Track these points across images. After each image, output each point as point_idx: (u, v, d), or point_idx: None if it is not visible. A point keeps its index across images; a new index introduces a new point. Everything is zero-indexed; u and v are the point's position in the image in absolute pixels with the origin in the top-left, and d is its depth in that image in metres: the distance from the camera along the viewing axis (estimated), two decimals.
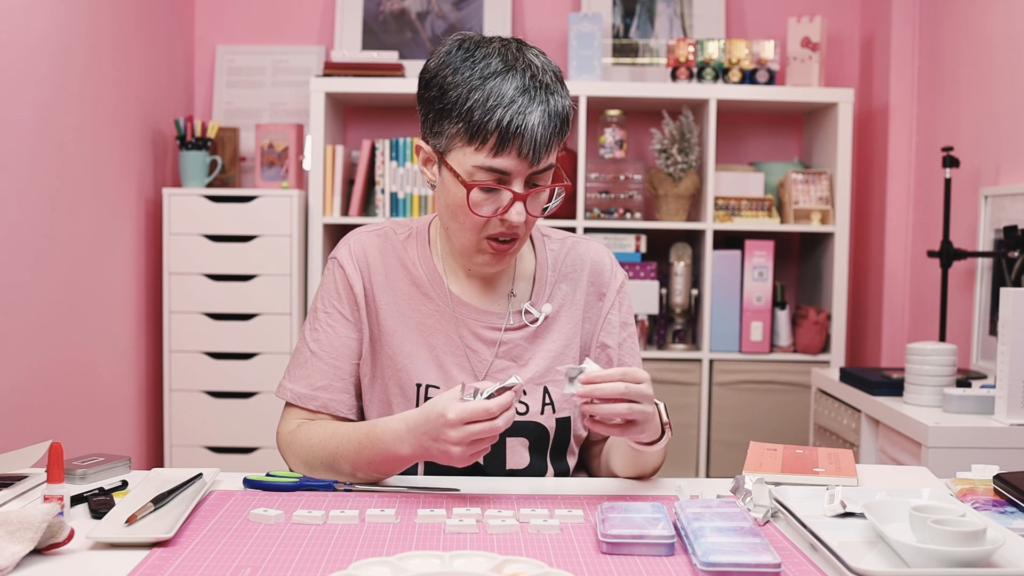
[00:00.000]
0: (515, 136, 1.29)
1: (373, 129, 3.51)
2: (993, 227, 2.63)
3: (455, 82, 1.31)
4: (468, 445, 1.22)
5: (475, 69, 1.31)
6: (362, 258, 1.48)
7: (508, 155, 1.30)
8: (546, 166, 1.34)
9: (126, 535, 1.10)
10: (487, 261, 1.40)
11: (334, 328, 1.46)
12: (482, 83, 1.30)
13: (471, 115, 1.29)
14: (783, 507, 1.21)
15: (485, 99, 1.29)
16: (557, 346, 1.48)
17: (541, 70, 1.33)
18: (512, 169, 1.31)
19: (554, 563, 1.05)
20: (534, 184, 1.35)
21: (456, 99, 1.31)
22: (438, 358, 1.44)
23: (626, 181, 3.25)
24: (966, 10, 2.88)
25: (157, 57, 3.20)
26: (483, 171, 1.31)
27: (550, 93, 1.31)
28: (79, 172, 2.68)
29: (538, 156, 1.31)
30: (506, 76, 1.30)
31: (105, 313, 2.85)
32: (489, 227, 1.36)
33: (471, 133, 1.30)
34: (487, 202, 1.34)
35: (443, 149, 1.35)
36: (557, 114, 1.32)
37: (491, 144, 1.30)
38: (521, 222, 1.34)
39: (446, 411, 1.21)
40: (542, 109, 1.30)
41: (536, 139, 1.30)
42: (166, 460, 3.15)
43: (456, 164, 1.33)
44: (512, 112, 1.28)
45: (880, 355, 3.26)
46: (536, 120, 1.29)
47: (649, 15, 3.45)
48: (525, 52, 1.35)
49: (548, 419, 1.46)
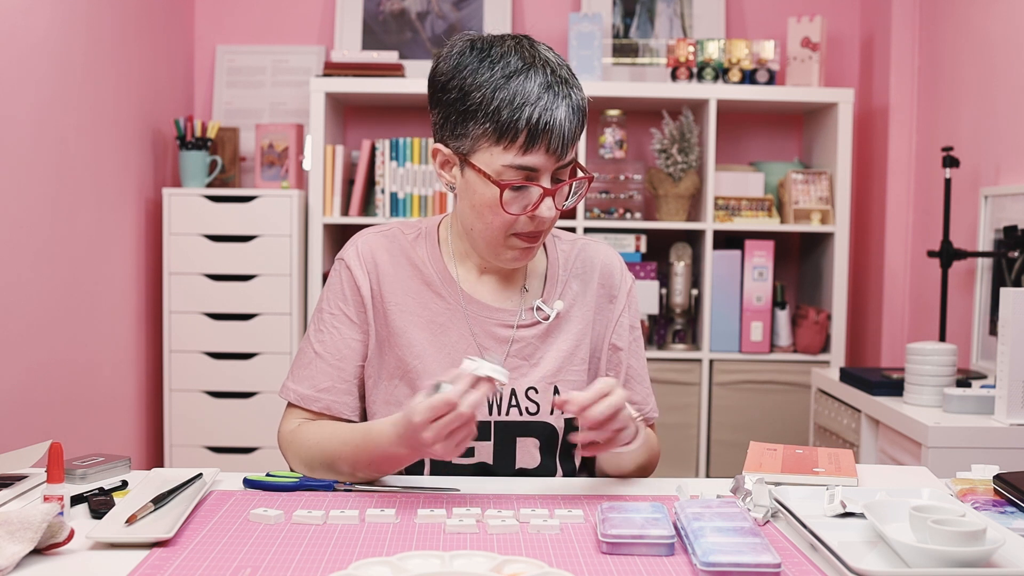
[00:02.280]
0: (544, 132, 1.30)
1: (373, 129, 3.50)
2: (993, 227, 2.63)
3: (477, 83, 1.32)
4: (446, 439, 1.21)
5: (495, 69, 1.31)
6: (370, 259, 1.48)
7: (537, 152, 1.31)
8: (570, 160, 1.36)
9: (126, 535, 1.10)
10: (515, 257, 1.41)
11: (339, 330, 1.46)
12: (506, 82, 1.30)
13: (499, 115, 1.30)
14: (783, 507, 1.21)
15: (511, 98, 1.30)
16: (568, 345, 1.48)
17: (558, 65, 1.34)
18: (541, 165, 1.32)
19: (554, 563, 1.05)
20: (558, 179, 1.36)
21: (481, 100, 1.31)
22: (450, 356, 1.44)
23: (626, 181, 3.25)
24: (966, 10, 2.88)
25: (157, 57, 3.20)
26: (512, 169, 1.32)
27: (571, 87, 1.33)
28: (79, 172, 2.68)
29: (565, 150, 1.33)
30: (528, 74, 1.31)
31: (105, 313, 2.85)
32: (518, 224, 1.37)
33: (500, 132, 1.31)
34: (516, 200, 1.35)
35: (467, 151, 1.35)
36: (580, 108, 1.34)
37: (520, 142, 1.31)
38: (552, 216, 1.36)
39: (412, 415, 1.21)
40: (567, 104, 1.31)
41: (564, 133, 1.31)
42: (166, 460, 3.15)
43: (483, 164, 1.34)
44: (540, 109, 1.29)
45: (880, 355, 3.26)
46: (563, 115, 1.31)
47: (649, 15, 3.45)
48: (539, 48, 1.36)
49: (557, 419, 1.47)
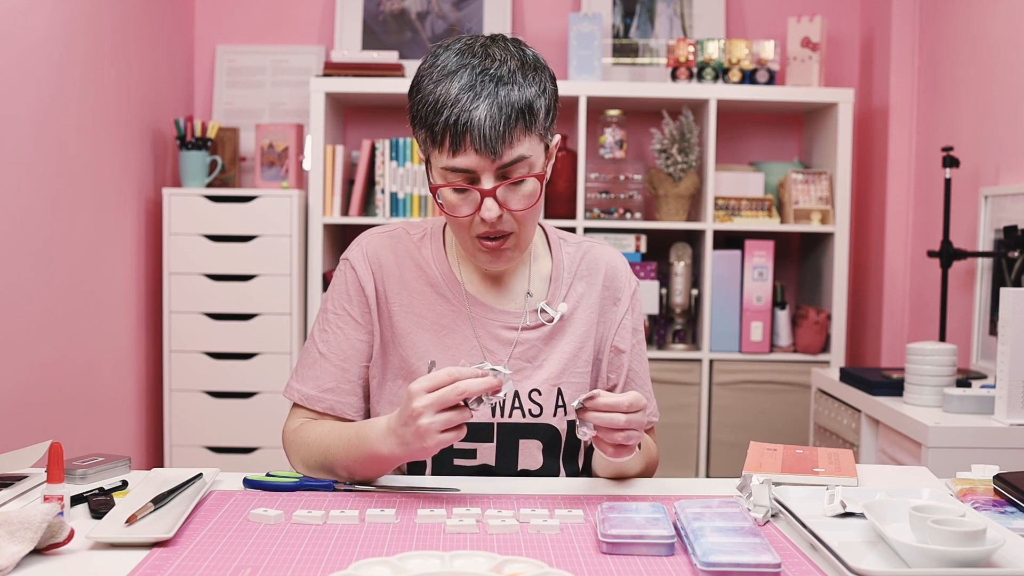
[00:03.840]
0: (464, 133, 1.29)
1: (373, 129, 3.51)
2: (993, 227, 2.63)
3: (420, 88, 1.34)
4: (436, 414, 1.19)
5: (433, 73, 1.33)
6: (375, 259, 1.48)
7: (466, 153, 1.30)
8: (512, 159, 1.32)
9: (126, 535, 1.10)
10: (487, 260, 1.41)
11: (343, 330, 1.47)
12: (434, 87, 1.31)
13: (427, 119, 1.32)
14: (783, 507, 1.21)
15: (436, 102, 1.30)
16: (571, 348, 1.48)
17: (500, 63, 1.31)
18: (474, 167, 1.31)
19: (554, 563, 1.05)
20: (505, 178, 1.34)
21: (422, 104, 1.33)
22: (454, 358, 1.44)
23: (626, 181, 3.25)
24: (966, 10, 2.88)
25: (157, 57, 3.20)
26: (450, 172, 1.33)
27: (502, 84, 1.30)
28: (79, 172, 2.68)
29: (495, 150, 1.29)
30: (455, 76, 1.30)
31: (105, 313, 2.85)
32: (475, 227, 1.37)
33: (432, 137, 1.32)
34: (463, 203, 1.35)
35: (425, 156, 1.38)
36: (509, 104, 1.29)
37: (447, 145, 1.31)
38: (494, 218, 1.33)
39: (411, 386, 1.22)
40: (489, 102, 1.29)
41: (486, 133, 1.28)
42: (166, 460, 3.15)
43: (432, 168, 1.36)
44: (457, 110, 1.29)
45: (880, 355, 3.26)
46: (483, 114, 1.28)
47: (649, 15, 3.45)
48: (491, 47, 1.33)
49: (560, 421, 1.46)
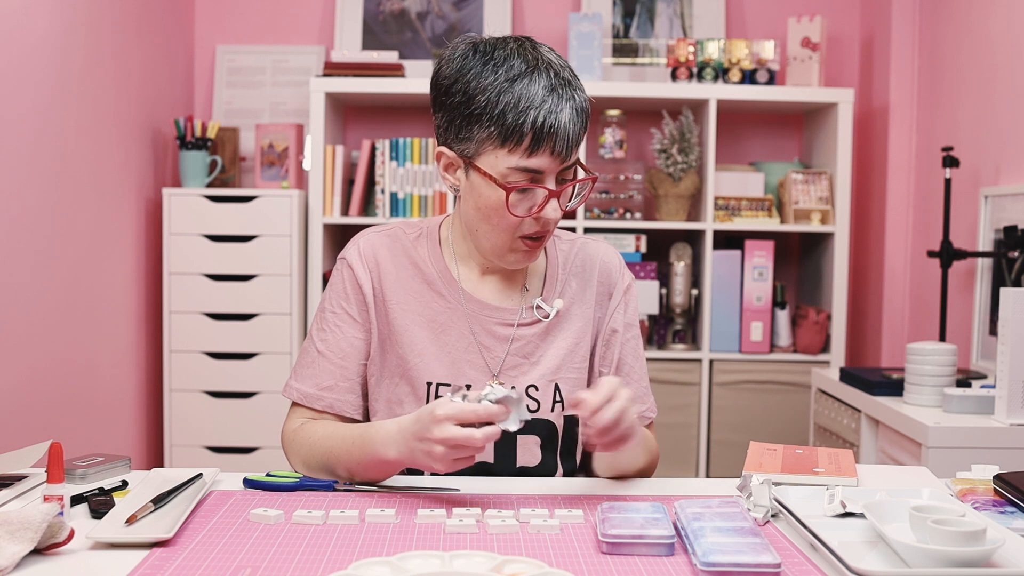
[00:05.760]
0: (549, 135, 1.31)
1: (373, 129, 3.50)
2: (993, 227, 2.63)
3: (481, 86, 1.32)
4: (450, 448, 1.21)
5: (499, 72, 1.32)
6: (371, 258, 1.48)
7: (542, 154, 1.32)
8: (573, 161, 1.37)
9: (126, 535, 1.10)
10: (520, 259, 1.42)
11: (341, 329, 1.47)
12: (510, 86, 1.31)
13: (504, 118, 1.31)
14: (783, 507, 1.21)
15: (516, 101, 1.31)
16: (568, 343, 1.48)
17: (561, 67, 1.35)
18: (546, 167, 1.33)
19: (554, 563, 1.05)
20: (563, 180, 1.38)
21: (486, 103, 1.32)
22: (450, 355, 1.44)
23: (626, 181, 3.25)
24: (966, 10, 2.88)
25: (157, 57, 3.20)
26: (517, 172, 1.33)
27: (574, 90, 1.34)
28: (79, 172, 2.68)
29: (569, 152, 1.34)
30: (532, 76, 1.32)
31: (105, 313, 2.85)
32: (523, 226, 1.38)
33: (505, 135, 1.32)
34: (521, 202, 1.36)
35: (472, 154, 1.36)
36: (583, 109, 1.35)
37: (525, 145, 1.31)
38: (558, 218, 1.37)
39: (436, 408, 1.22)
40: (571, 106, 1.32)
41: (568, 136, 1.32)
42: (166, 460, 3.15)
43: (488, 167, 1.35)
44: (544, 112, 1.30)
45: (880, 355, 3.26)
46: (567, 117, 1.32)
47: (649, 15, 3.45)
48: (541, 51, 1.36)
49: (557, 417, 1.47)
